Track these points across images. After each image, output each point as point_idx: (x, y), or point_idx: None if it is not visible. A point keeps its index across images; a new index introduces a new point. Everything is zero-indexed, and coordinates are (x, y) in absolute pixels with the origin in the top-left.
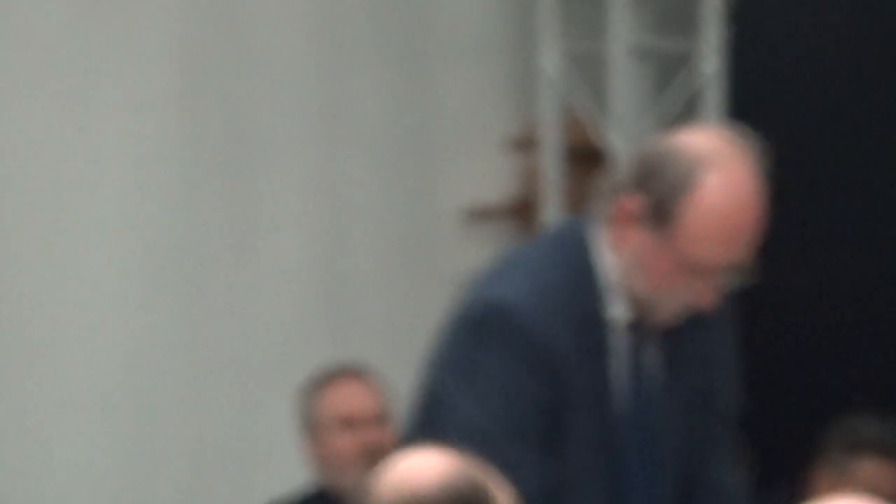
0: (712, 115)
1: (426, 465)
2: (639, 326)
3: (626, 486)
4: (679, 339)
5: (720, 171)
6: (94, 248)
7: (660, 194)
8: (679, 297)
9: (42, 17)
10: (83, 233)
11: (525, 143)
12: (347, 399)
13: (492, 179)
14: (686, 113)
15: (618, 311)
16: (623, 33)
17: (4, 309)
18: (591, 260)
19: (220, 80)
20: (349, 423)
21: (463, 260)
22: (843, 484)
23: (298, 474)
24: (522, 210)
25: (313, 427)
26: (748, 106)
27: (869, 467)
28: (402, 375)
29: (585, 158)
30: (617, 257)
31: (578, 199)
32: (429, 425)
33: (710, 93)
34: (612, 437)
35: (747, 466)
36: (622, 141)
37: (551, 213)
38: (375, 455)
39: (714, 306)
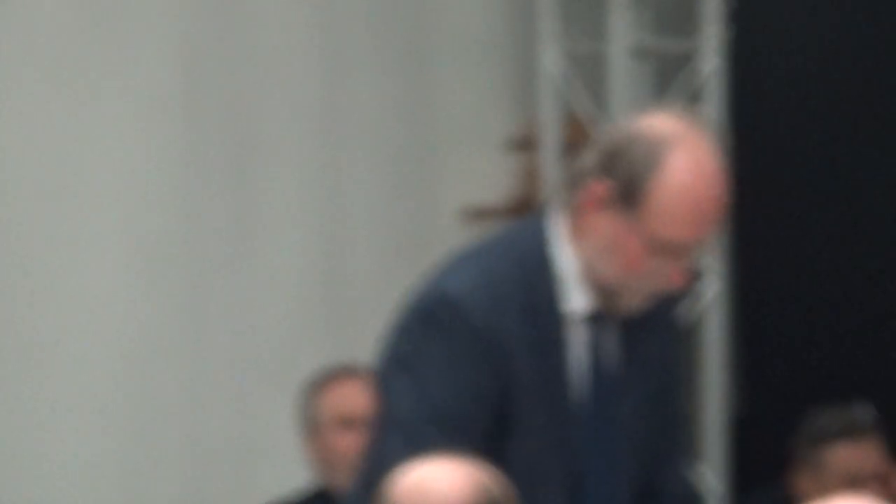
0: (712, 115)
1: (444, 473)
2: (597, 320)
3: (583, 479)
4: (636, 337)
5: (684, 149)
6: (95, 249)
7: (627, 176)
8: (649, 280)
9: (44, 20)
10: (84, 233)
11: (525, 143)
12: (347, 399)
13: (492, 179)
14: (686, 113)
15: (576, 303)
16: (623, 33)
17: (4, 309)
18: (548, 253)
19: (221, 81)
20: (349, 423)
21: None
22: (822, 478)
23: (298, 474)
24: (522, 210)
25: (313, 427)
26: (748, 106)
27: (839, 454)
28: None
29: None
30: (581, 247)
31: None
32: (381, 415)
33: (710, 93)
34: (568, 430)
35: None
36: None
37: None
38: None
39: (684, 286)
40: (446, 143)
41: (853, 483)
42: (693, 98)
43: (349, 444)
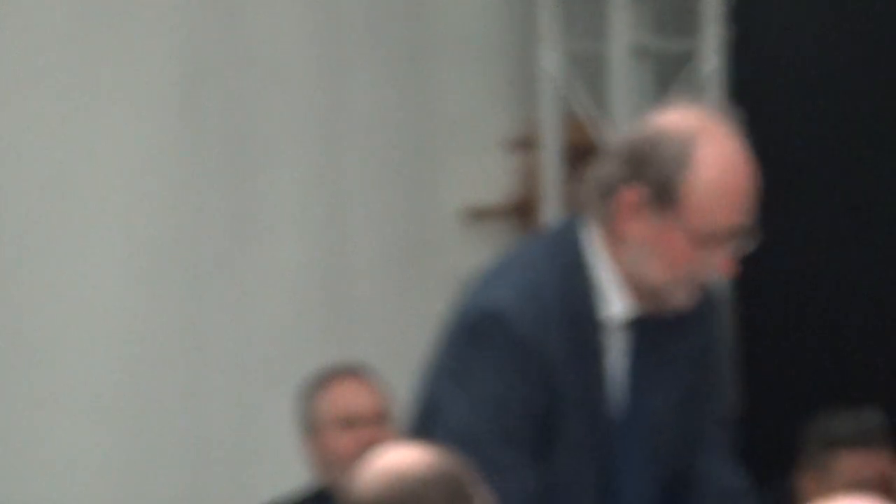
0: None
1: (410, 453)
2: (633, 327)
3: (618, 488)
4: (671, 339)
5: (710, 141)
6: (95, 248)
7: (659, 178)
8: (697, 273)
9: (43, 18)
10: (83, 233)
11: (525, 143)
12: (347, 399)
13: (492, 179)
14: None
15: (615, 310)
16: (623, 33)
17: (4, 309)
18: (586, 261)
19: (221, 81)
20: (349, 423)
21: (463, 260)
22: (828, 482)
23: (298, 474)
24: (522, 210)
25: (313, 427)
26: (748, 106)
27: (847, 461)
28: (402, 375)
29: (585, 158)
30: (620, 254)
31: (579, 200)
32: (424, 429)
33: (710, 93)
34: (604, 439)
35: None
36: None
37: (551, 213)
38: None
39: (731, 272)
40: (446, 143)
41: (857, 488)
42: (693, 98)
43: (349, 444)
